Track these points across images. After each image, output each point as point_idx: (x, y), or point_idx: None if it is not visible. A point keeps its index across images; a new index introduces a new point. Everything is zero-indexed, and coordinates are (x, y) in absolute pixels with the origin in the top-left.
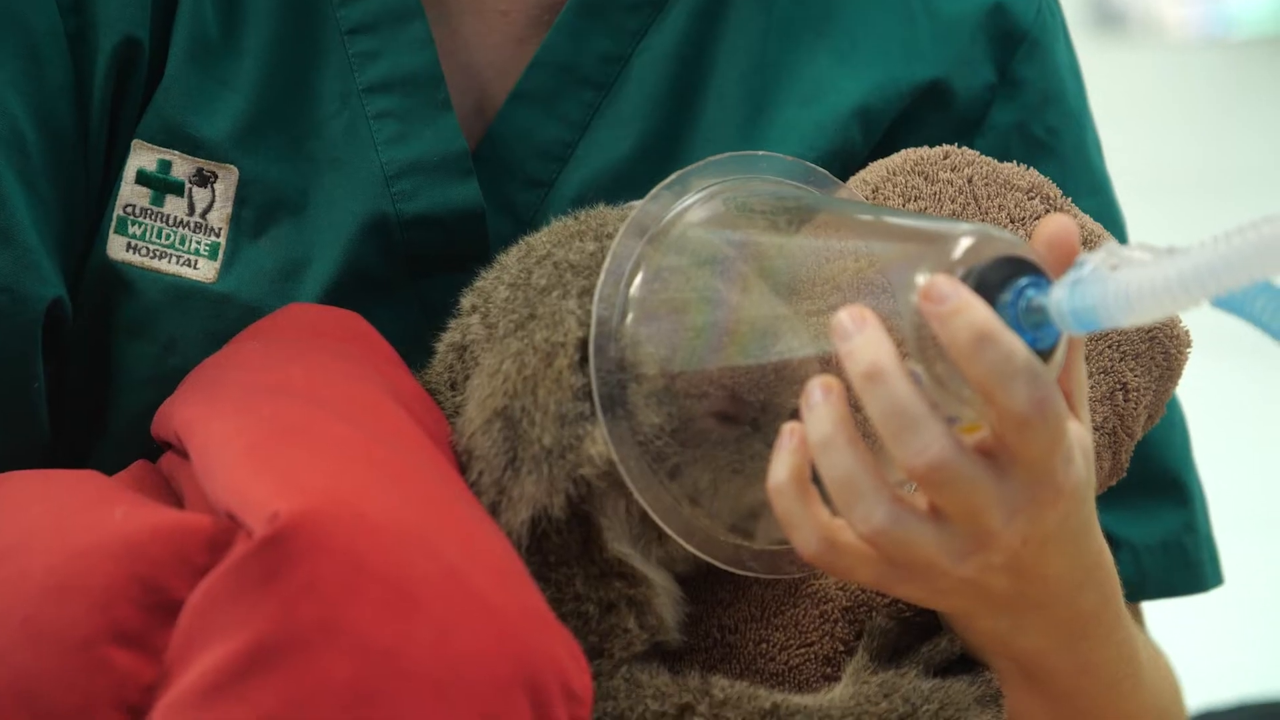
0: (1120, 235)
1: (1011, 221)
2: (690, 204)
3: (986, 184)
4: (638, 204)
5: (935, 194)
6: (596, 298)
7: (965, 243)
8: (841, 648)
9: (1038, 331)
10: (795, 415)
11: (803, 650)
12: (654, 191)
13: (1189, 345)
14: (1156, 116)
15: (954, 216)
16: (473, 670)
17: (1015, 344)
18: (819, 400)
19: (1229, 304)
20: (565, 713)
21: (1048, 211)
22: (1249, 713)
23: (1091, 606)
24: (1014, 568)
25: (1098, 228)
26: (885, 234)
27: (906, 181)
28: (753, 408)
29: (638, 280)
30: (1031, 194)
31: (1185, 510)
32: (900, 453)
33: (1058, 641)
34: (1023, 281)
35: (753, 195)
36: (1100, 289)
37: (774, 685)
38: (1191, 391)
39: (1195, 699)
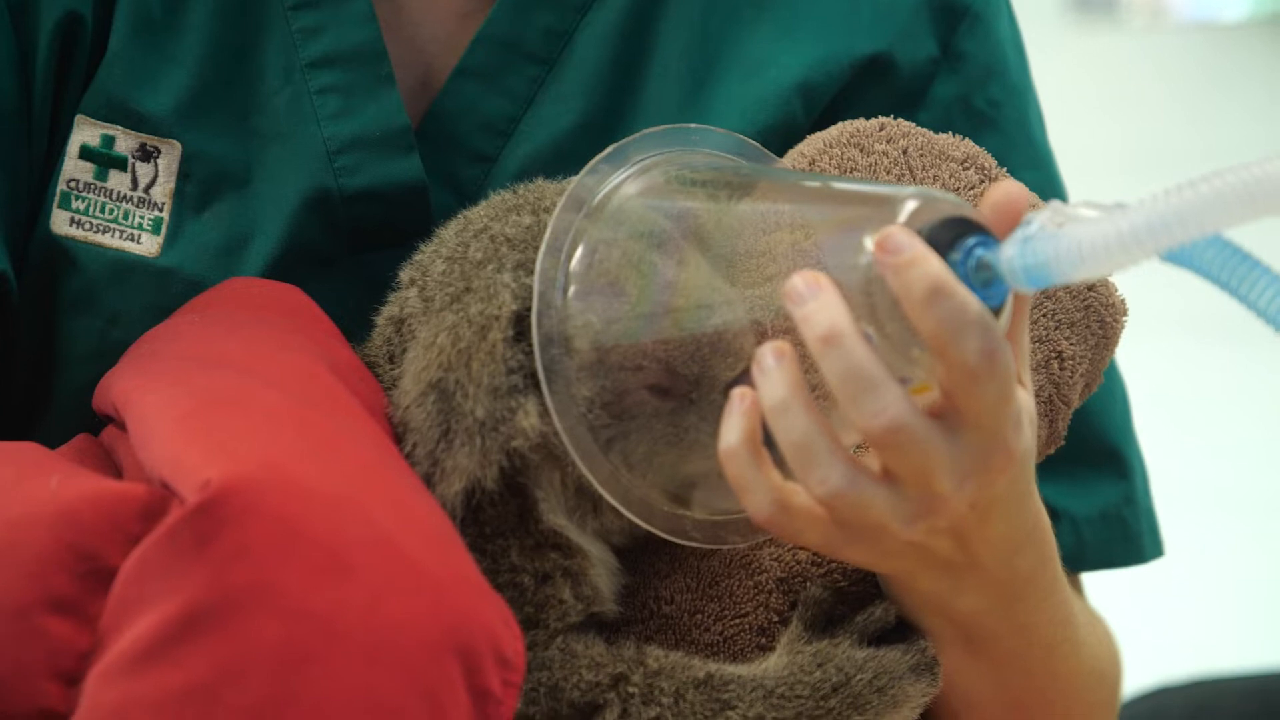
0: None
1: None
2: (626, 176)
3: (922, 155)
4: (576, 178)
5: (871, 165)
6: (538, 272)
7: (910, 205)
8: (776, 618)
9: (986, 290)
10: (730, 387)
11: (737, 621)
12: (591, 164)
13: (1125, 313)
14: (1140, 99)
15: None
16: (404, 635)
17: (968, 297)
18: (772, 365)
19: (1179, 258)
20: (497, 678)
21: (983, 182)
22: (1201, 690)
23: (1029, 568)
24: (958, 531)
25: (1034, 198)
26: (828, 200)
27: (842, 154)
28: (687, 380)
29: (577, 254)
30: (966, 164)
31: (1125, 482)
32: (857, 415)
33: (995, 602)
34: (971, 240)
35: (690, 167)
36: (1052, 245)
37: (709, 656)
38: (1141, 366)
39: (1148, 676)
